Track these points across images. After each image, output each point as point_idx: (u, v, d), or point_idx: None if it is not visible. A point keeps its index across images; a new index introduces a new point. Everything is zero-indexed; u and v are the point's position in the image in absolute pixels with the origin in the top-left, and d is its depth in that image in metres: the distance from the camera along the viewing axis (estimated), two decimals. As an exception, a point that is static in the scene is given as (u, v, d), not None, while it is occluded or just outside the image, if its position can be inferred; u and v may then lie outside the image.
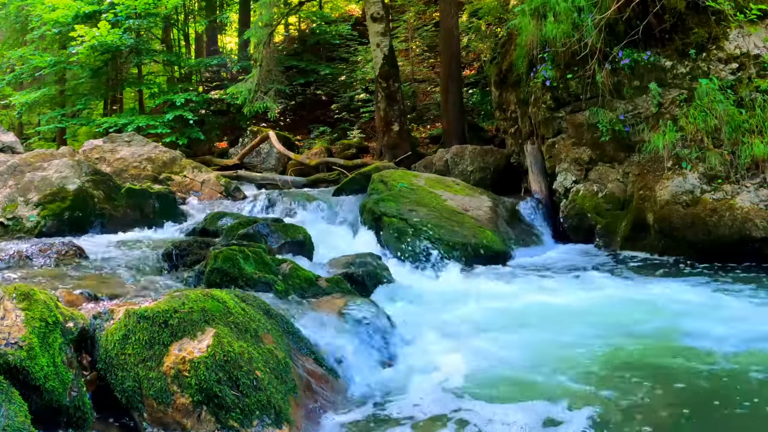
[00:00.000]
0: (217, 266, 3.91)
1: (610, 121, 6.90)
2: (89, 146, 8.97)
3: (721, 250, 5.90)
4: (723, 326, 3.96)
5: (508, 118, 9.33)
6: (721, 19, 6.33)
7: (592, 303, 4.72)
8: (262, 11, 12.91)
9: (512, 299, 4.83)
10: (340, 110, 15.04)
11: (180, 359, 2.55)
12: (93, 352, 2.67)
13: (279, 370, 2.79)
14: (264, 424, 2.52)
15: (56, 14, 13.37)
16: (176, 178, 8.62)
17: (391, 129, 11.24)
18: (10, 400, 2.15)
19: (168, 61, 15.96)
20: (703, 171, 6.11)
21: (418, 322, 4.04)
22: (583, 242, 7.18)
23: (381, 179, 7.44)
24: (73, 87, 14.83)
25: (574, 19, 6.78)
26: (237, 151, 13.89)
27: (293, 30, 18.14)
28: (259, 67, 12.70)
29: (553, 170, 7.76)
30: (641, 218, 6.54)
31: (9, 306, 2.43)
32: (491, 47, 10.97)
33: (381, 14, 11.23)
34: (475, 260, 6.32)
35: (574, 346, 3.69)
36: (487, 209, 7.14)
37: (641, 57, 6.61)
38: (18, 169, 6.83)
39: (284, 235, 5.20)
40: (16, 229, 6.16)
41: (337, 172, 11.10)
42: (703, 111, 6.11)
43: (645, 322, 4.14)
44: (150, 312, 2.68)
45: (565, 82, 7.26)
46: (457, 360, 3.49)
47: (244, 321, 2.89)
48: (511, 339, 3.82)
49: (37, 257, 4.56)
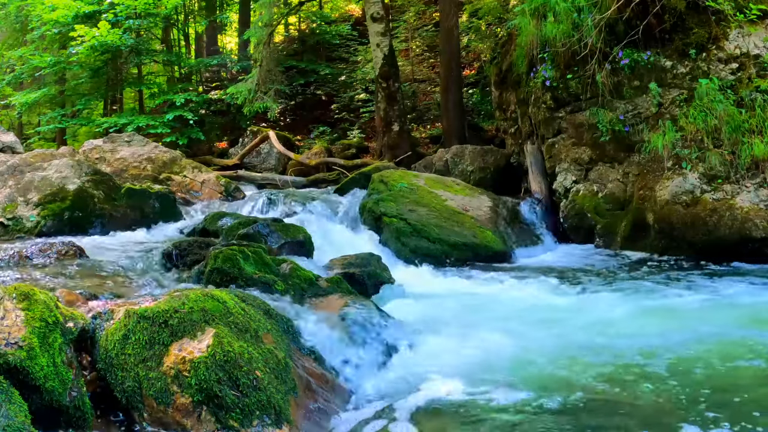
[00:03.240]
0: (217, 266, 3.91)
1: (610, 121, 6.90)
2: (89, 146, 8.97)
3: (721, 250, 5.90)
4: (720, 326, 3.96)
5: (508, 118, 9.33)
6: (721, 19, 6.33)
7: (591, 303, 4.72)
8: (262, 11, 12.91)
9: (512, 299, 4.83)
10: (340, 110, 15.04)
11: (180, 359, 2.55)
12: (93, 352, 2.67)
13: (279, 370, 2.79)
14: (264, 424, 2.52)
15: (56, 14, 13.36)
16: (176, 178, 8.62)
17: (391, 129, 11.24)
18: (10, 400, 2.15)
19: (168, 61, 15.95)
20: (703, 171, 6.11)
21: (418, 321, 4.05)
22: (583, 242, 7.18)
23: (381, 179, 7.44)
24: (73, 87, 14.82)
25: (573, 19, 6.79)
26: (237, 151, 13.88)
27: (293, 30, 18.12)
28: (259, 67, 12.70)
29: (553, 170, 7.76)
30: (641, 218, 6.54)
31: (9, 306, 2.43)
32: (491, 47, 10.96)
33: (381, 14, 11.23)
34: (475, 260, 6.33)
35: (573, 346, 3.69)
36: (487, 209, 7.14)
37: (641, 57, 6.61)
38: (18, 169, 6.83)
39: (284, 235, 5.20)
40: (16, 229, 6.16)
41: (337, 172, 11.10)
42: (703, 111, 6.11)
43: (645, 321, 4.14)
44: (150, 312, 2.68)
45: (565, 82, 7.26)
46: (456, 359, 3.49)
47: (244, 321, 2.89)
48: (511, 338, 3.82)
49: (37, 257, 4.55)
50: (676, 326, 4.04)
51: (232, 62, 16.54)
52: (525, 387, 3.12)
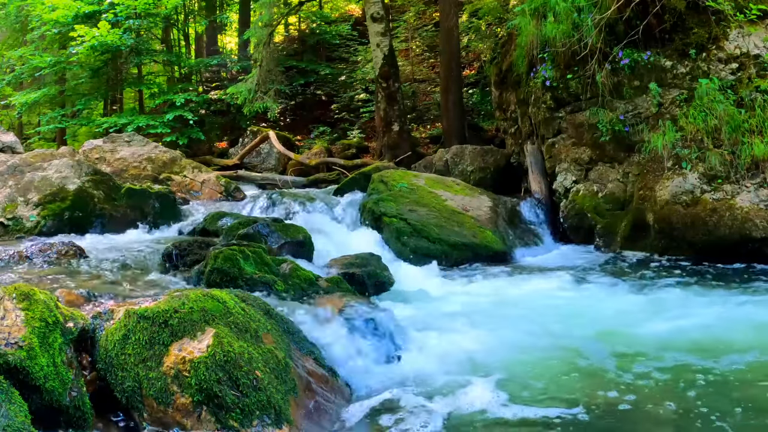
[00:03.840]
0: (217, 266, 3.91)
1: (610, 121, 6.90)
2: (89, 146, 8.96)
3: (721, 250, 5.90)
4: (718, 325, 3.96)
5: (508, 118, 9.33)
6: (721, 19, 6.33)
7: (591, 303, 4.72)
8: (262, 11, 12.91)
9: (512, 299, 4.83)
10: (340, 110, 15.04)
11: (180, 359, 2.55)
12: (93, 352, 2.67)
13: (279, 370, 2.79)
14: (264, 424, 2.52)
15: (56, 14, 13.36)
16: (176, 178, 8.62)
17: (391, 129, 11.24)
18: (10, 400, 2.15)
19: (168, 61, 15.95)
20: (703, 171, 6.11)
21: (418, 321, 4.05)
22: (583, 242, 7.17)
23: (381, 179, 7.44)
24: (73, 87, 14.81)
25: (574, 19, 6.78)
26: (237, 151, 13.88)
27: (293, 30, 18.12)
28: (259, 67, 12.70)
29: (553, 170, 7.76)
30: (641, 218, 6.54)
31: (9, 306, 2.43)
32: (491, 47, 10.96)
33: (381, 14, 11.23)
34: (475, 260, 6.33)
35: (573, 346, 3.69)
36: (487, 209, 7.14)
37: (641, 57, 6.61)
38: (18, 169, 6.83)
39: (284, 235, 5.19)
40: (16, 229, 6.15)
41: (337, 172, 11.10)
42: (703, 111, 6.11)
43: (644, 322, 4.14)
44: (150, 312, 2.68)
45: (565, 82, 7.26)
46: (456, 359, 3.49)
47: (244, 321, 2.89)
48: (511, 338, 3.83)
49: (37, 257, 4.56)
50: (675, 326, 4.04)
51: (232, 62, 16.53)
52: (525, 387, 3.12)
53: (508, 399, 2.97)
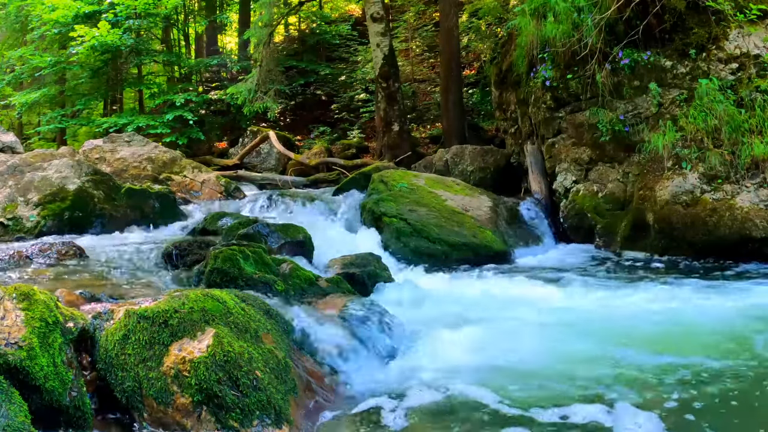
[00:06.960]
0: (217, 266, 3.91)
1: (610, 121, 6.90)
2: (89, 146, 8.97)
3: (721, 250, 5.91)
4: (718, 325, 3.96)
5: (508, 118, 9.33)
6: (721, 19, 6.33)
7: (591, 303, 4.72)
8: (262, 11, 12.92)
9: (512, 299, 4.82)
10: (340, 110, 15.05)
11: (180, 359, 2.55)
12: (93, 352, 2.67)
13: (279, 370, 2.79)
14: (264, 424, 2.52)
15: (56, 14, 13.37)
16: (176, 178, 8.62)
17: (391, 129, 11.24)
18: (10, 400, 2.15)
19: (168, 61, 15.95)
20: (703, 171, 6.11)
21: (418, 321, 4.04)
22: (584, 242, 7.17)
23: (381, 179, 7.44)
24: (73, 87, 14.82)
25: (573, 19, 6.79)
26: (237, 151, 13.89)
27: (293, 30, 18.13)
28: (259, 67, 12.70)
29: (553, 170, 7.76)
30: (641, 218, 6.54)
31: (9, 306, 2.43)
32: (491, 47, 10.97)
33: (381, 14, 11.23)
34: (475, 260, 6.33)
35: (572, 346, 3.69)
36: (487, 209, 7.14)
37: (641, 57, 6.61)
38: (18, 169, 6.83)
39: (284, 235, 5.19)
40: (16, 229, 6.16)
41: (337, 172, 11.10)
42: (703, 111, 6.11)
43: (644, 322, 4.14)
44: (150, 312, 2.68)
45: (565, 82, 7.26)
46: (456, 358, 3.49)
47: (244, 321, 2.89)
48: (510, 338, 3.82)
49: (37, 257, 4.56)
50: (675, 326, 4.04)
51: (232, 62, 16.53)
52: (524, 386, 3.12)
53: (508, 399, 2.97)
